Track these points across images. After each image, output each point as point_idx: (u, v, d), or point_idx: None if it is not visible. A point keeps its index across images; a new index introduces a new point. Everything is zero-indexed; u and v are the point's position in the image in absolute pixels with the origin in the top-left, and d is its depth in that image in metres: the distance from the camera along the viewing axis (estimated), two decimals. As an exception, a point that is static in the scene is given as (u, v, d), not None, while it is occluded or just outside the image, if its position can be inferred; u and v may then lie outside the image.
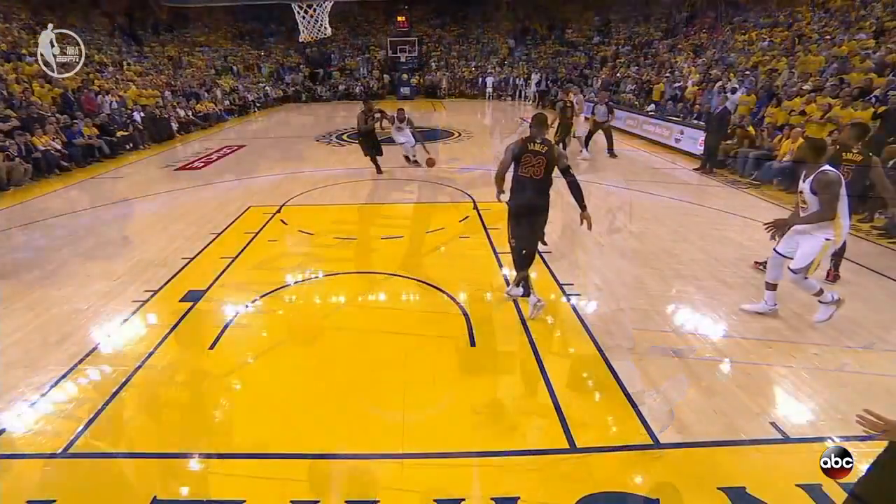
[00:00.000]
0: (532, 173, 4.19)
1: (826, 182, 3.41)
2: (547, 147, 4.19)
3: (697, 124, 11.52)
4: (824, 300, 3.86)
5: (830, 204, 3.43)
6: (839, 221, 3.56)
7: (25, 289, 4.90)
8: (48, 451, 2.83)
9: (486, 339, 3.93)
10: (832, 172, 3.43)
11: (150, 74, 20.62)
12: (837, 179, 3.41)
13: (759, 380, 3.37)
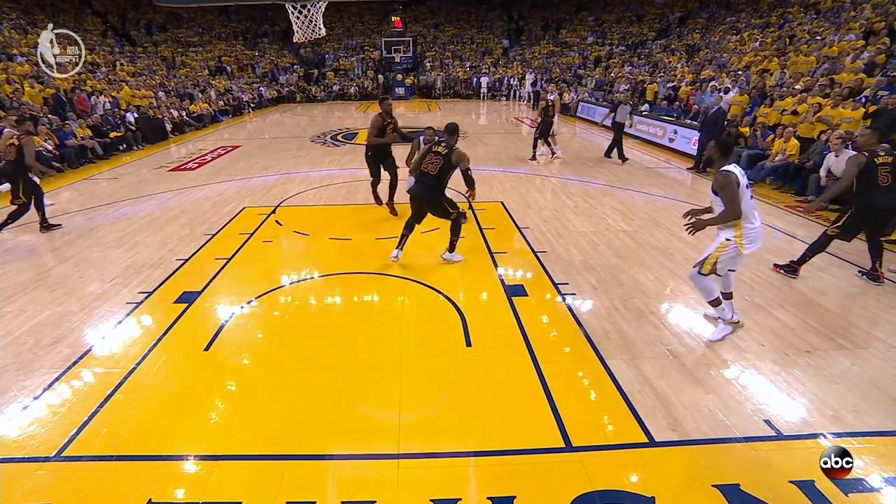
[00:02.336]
0: (430, 169, 4.99)
1: (723, 183, 3.39)
2: (447, 151, 4.97)
3: (691, 124, 11.60)
4: (722, 315, 3.75)
5: (733, 202, 3.38)
6: (742, 223, 3.47)
7: (17, 291, 4.86)
8: (42, 455, 2.80)
9: (481, 338, 3.94)
10: (731, 174, 3.37)
11: (143, 75, 20.51)
12: (734, 180, 3.36)
13: (752, 378, 3.40)
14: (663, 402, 3.16)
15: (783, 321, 4.13)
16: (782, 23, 16.47)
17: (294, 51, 30.92)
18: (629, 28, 27.34)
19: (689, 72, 16.13)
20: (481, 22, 34.31)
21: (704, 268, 3.62)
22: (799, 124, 8.73)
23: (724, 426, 2.93)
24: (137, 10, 29.71)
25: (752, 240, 3.49)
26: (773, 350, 3.71)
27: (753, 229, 3.49)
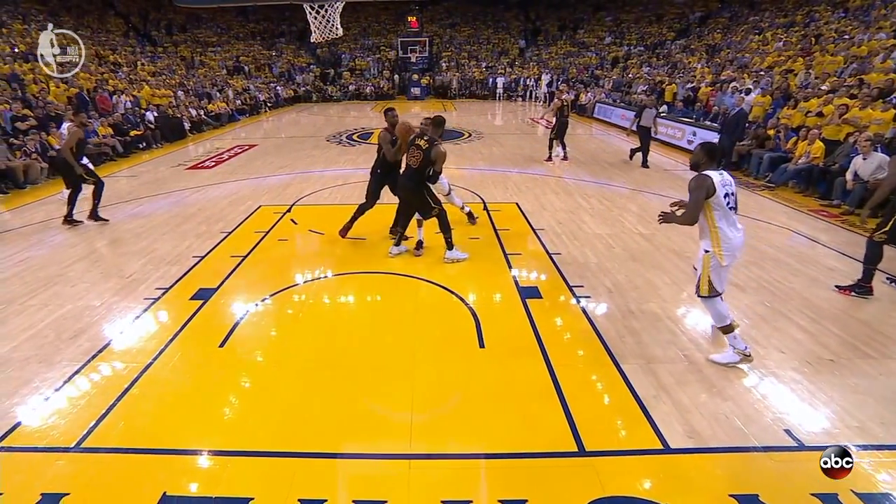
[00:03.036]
0: (411, 163, 5.04)
1: (693, 185, 3.28)
2: (427, 146, 4.95)
3: (711, 125, 11.40)
4: (735, 345, 3.49)
5: (692, 205, 3.28)
6: (718, 234, 3.33)
7: (40, 285, 4.97)
8: (62, 445, 2.87)
9: (495, 340, 3.91)
10: (707, 178, 3.26)
11: (163, 74, 20.86)
12: (704, 185, 3.24)
13: (772, 386, 3.32)
14: (679, 408, 3.10)
15: (805, 328, 4.03)
16: (808, 22, 16.11)
17: (311, 51, 31.17)
18: (648, 28, 27.02)
19: (710, 72, 15.87)
20: (497, 22, 34.19)
21: (702, 290, 3.47)
22: (824, 126, 8.52)
23: (743, 435, 2.86)
24: (158, 11, 30.26)
25: (731, 250, 3.35)
26: (793, 358, 3.62)
27: (731, 241, 3.33)
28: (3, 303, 4.62)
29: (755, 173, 9.25)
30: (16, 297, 4.74)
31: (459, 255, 5.36)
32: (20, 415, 3.13)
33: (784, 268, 5.14)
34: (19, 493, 2.56)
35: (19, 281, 5.09)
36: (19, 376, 3.52)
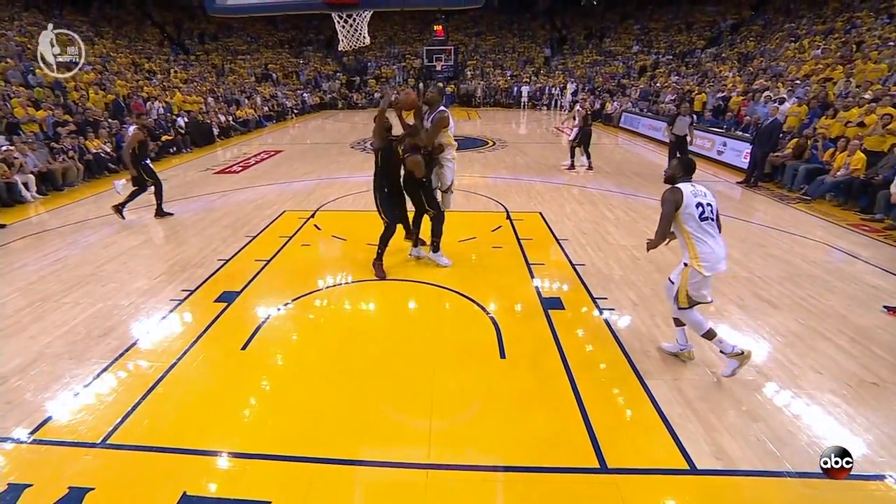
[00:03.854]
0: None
1: (663, 198, 3.33)
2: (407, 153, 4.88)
3: (742, 136, 11.11)
4: (725, 349, 3.38)
5: (663, 219, 3.32)
6: (695, 246, 3.28)
7: (74, 284, 5.13)
8: (89, 441, 2.94)
9: (516, 351, 3.85)
10: (678, 191, 3.27)
11: (194, 81, 21.52)
12: (672, 199, 3.26)
13: (807, 407, 3.17)
14: (706, 427, 2.99)
15: (844, 348, 3.84)
16: (848, 28, 15.60)
17: (337, 59, 31.74)
18: (677, 36, 26.66)
19: (741, 81, 15.51)
20: (523, 31, 34.23)
21: (681, 301, 3.43)
22: (866, 137, 8.20)
23: (775, 458, 2.74)
24: (192, 21, 31.31)
25: (711, 262, 3.26)
26: (831, 379, 3.45)
27: (709, 252, 3.26)
28: (40, 299, 4.79)
29: (789, 185, 8.95)
30: (52, 294, 4.90)
31: (443, 259, 5.38)
32: (51, 409, 3.22)
33: (821, 284, 4.94)
34: (48, 485, 2.62)
35: (55, 279, 5.27)
36: (52, 371, 3.63)
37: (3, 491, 2.58)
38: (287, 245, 6.24)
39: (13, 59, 13.94)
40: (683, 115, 9.74)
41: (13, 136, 9.52)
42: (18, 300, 4.79)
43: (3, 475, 2.70)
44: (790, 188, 8.89)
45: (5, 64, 13.43)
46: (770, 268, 5.38)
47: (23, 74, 13.18)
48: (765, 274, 5.21)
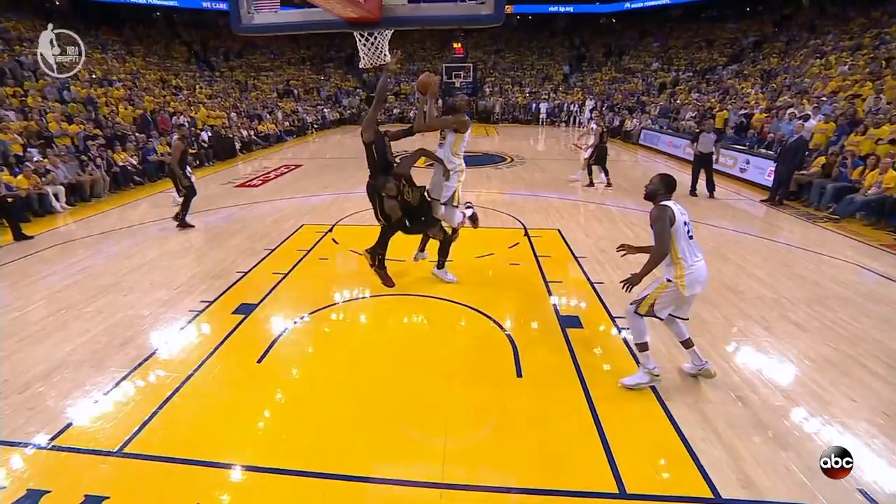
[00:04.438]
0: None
1: (655, 216, 3.26)
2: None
3: (766, 153, 10.91)
4: (647, 364, 3.44)
5: (661, 237, 3.22)
6: (681, 264, 3.27)
7: (97, 293, 5.24)
8: (106, 449, 2.96)
9: (533, 369, 3.78)
10: (667, 208, 3.23)
11: (219, 97, 22.15)
12: (665, 215, 3.22)
13: (841, 437, 3.02)
14: (731, 454, 2.87)
15: (881, 375, 3.67)
16: (877, 44, 15.31)
17: (357, 75, 32.34)
18: (697, 53, 26.54)
19: (764, 98, 15.30)
20: (542, 48, 34.51)
21: (642, 307, 3.41)
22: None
23: (807, 490, 2.61)
24: (218, 39, 32.36)
25: (692, 281, 3.28)
26: (867, 408, 3.29)
27: (693, 270, 3.27)
28: (64, 307, 4.90)
29: (816, 204, 8.71)
30: (75, 302, 5.00)
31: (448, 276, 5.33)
32: (71, 415, 3.27)
33: (852, 307, 4.77)
34: (66, 492, 2.65)
35: (79, 288, 5.38)
36: (73, 378, 3.69)
37: (22, 496, 2.61)
38: (305, 259, 6.29)
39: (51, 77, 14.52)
40: (707, 132, 9.57)
41: (47, 148, 9.88)
42: (44, 308, 4.91)
43: (23, 480, 2.74)
44: (817, 207, 8.66)
45: (44, 81, 14.01)
46: (797, 289, 5.22)
47: (59, 91, 13.73)
48: (791, 295, 5.05)
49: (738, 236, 7.15)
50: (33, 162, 9.01)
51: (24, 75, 13.91)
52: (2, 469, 2.83)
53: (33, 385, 3.61)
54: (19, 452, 2.95)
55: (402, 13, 3.98)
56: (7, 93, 12.19)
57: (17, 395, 3.49)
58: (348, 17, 3.85)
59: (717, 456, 2.86)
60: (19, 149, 9.68)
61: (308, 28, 4.17)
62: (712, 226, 7.65)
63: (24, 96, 12.57)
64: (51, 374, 3.76)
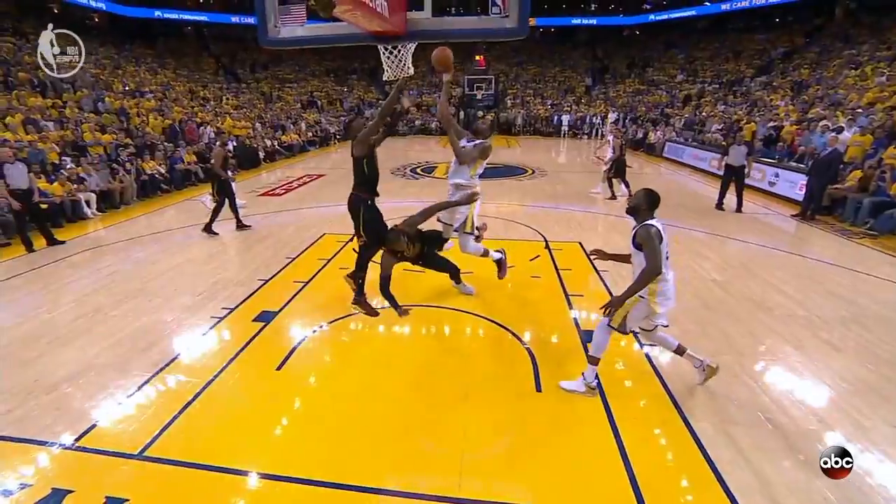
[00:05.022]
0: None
1: (644, 236, 3.22)
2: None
3: (796, 167, 10.62)
4: (588, 377, 3.56)
5: (654, 256, 3.17)
6: (657, 284, 3.25)
7: (123, 297, 5.36)
8: (127, 451, 3.00)
9: (553, 384, 3.71)
10: (653, 227, 3.23)
11: (244, 108, 22.72)
12: (656, 233, 3.20)
13: (881, 465, 2.87)
14: (761, 478, 2.75)
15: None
16: (918, 54, 14.85)
17: (380, 87, 32.80)
18: (724, 65, 26.13)
19: (795, 110, 14.94)
20: (564, 60, 34.50)
21: (615, 320, 3.41)
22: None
23: (845, 522, 2.47)
24: (245, 52, 33.34)
25: (666, 297, 3.31)
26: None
27: (667, 286, 3.30)
28: (92, 311, 5.02)
29: (852, 219, 8.38)
30: (102, 306, 5.13)
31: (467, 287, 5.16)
32: (95, 417, 3.34)
33: (892, 327, 4.56)
34: (88, 493, 2.69)
35: (107, 292, 5.52)
36: (98, 381, 3.76)
37: (47, 495, 2.67)
38: (325, 268, 6.33)
39: (88, 89, 15.13)
40: (738, 144, 9.33)
41: (81, 157, 10.24)
42: (73, 311, 5.04)
43: (48, 479, 2.80)
44: (853, 222, 8.34)
45: (81, 93, 14.59)
46: (831, 307, 5.02)
47: (94, 102, 14.27)
48: (824, 314, 4.86)
49: (767, 251, 6.94)
50: (67, 170, 9.34)
51: (63, 88, 14.50)
52: (30, 467, 2.90)
53: (61, 386, 3.70)
54: (46, 451, 3.02)
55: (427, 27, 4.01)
56: (47, 104, 12.71)
57: (46, 396, 3.58)
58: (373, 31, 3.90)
59: (745, 480, 2.74)
60: (56, 157, 10.05)
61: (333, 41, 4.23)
62: (739, 240, 7.45)
63: (63, 107, 13.09)
64: (77, 375, 3.84)
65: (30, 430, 3.21)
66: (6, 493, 2.69)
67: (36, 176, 7.59)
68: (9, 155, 6.91)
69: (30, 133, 10.59)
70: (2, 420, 3.31)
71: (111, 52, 23.31)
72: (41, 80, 13.82)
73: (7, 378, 3.82)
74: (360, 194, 4.57)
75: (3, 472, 2.85)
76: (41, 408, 3.44)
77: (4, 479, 2.80)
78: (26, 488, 2.72)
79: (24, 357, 4.14)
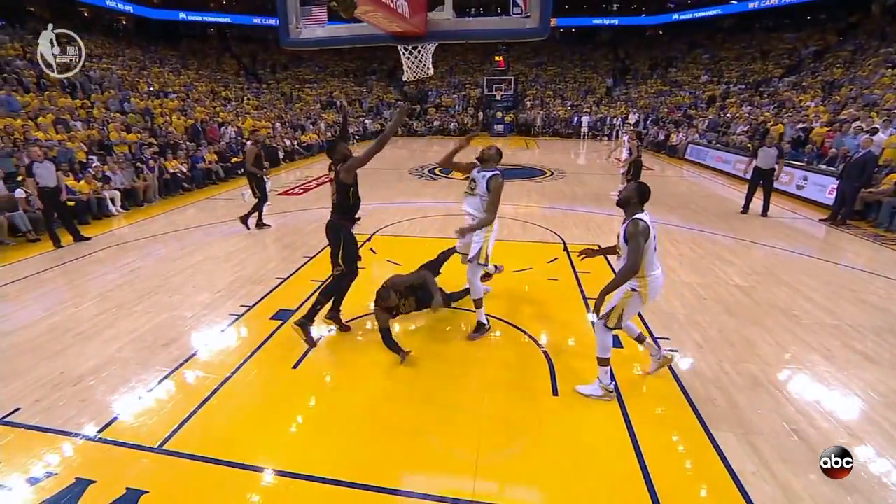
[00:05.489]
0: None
1: (633, 232, 3.23)
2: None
3: (827, 169, 10.28)
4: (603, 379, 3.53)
5: (637, 253, 3.21)
6: (646, 275, 3.32)
7: (145, 293, 5.47)
8: (147, 444, 3.07)
9: (569, 388, 3.66)
10: (642, 222, 3.23)
11: (265, 108, 23.03)
12: (644, 230, 3.21)
13: (912, 480, 2.75)
14: (788, 493, 2.66)
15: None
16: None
17: (399, 87, 32.93)
18: (751, 65, 25.48)
19: (826, 111, 14.48)
20: (585, 61, 34.15)
21: (611, 320, 3.42)
22: None
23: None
24: (266, 53, 33.84)
25: (655, 288, 3.39)
26: (946, 450, 2.99)
27: (657, 281, 3.38)
28: (115, 306, 5.13)
29: (887, 224, 8.07)
30: (125, 302, 5.24)
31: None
32: (117, 410, 3.41)
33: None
34: (109, 483, 2.76)
35: (130, 288, 5.64)
36: (121, 375, 3.85)
37: (71, 484, 2.75)
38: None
39: (114, 90, 15.53)
40: (768, 147, 9.06)
41: (107, 156, 10.50)
42: (97, 306, 5.16)
43: (72, 468, 2.87)
44: (888, 227, 8.03)
45: (108, 93, 14.98)
46: (863, 316, 4.84)
47: (120, 102, 14.63)
48: (856, 322, 4.69)
49: (794, 257, 6.74)
50: (94, 168, 9.58)
51: (91, 89, 14.90)
52: (55, 455, 2.98)
53: (85, 378, 3.79)
54: (70, 442, 3.10)
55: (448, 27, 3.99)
56: (76, 105, 13.07)
57: (71, 388, 3.67)
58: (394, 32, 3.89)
59: (769, 492, 2.66)
60: (83, 156, 10.33)
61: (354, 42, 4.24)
62: (765, 245, 7.26)
63: (91, 108, 13.45)
64: (101, 369, 3.93)
65: (56, 420, 3.30)
66: (34, 480, 2.79)
67: (64, 174, 7.79)
68: (38, 154, 7.12)
69: (59, 132, 10.90)
70: (31, 410, 3.42)
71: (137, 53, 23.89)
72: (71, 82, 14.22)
73: (36, 369, 3.94)
74: (341, 221, 4.32)
75: (31, 460, 2.94)
76: (66, 399, 3.53)
77: (32, 466, 2.89)
78: (51, 477, 2.81)
79: (51, 349, 4.25)
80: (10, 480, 2.79)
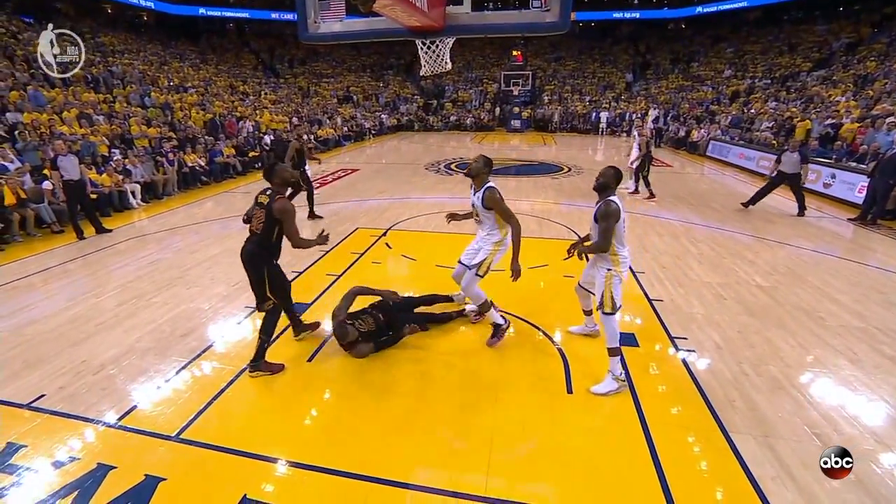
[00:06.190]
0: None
1: (605, 213, 3.43)
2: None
3: (857, 167, 9.96)
4: (614, 370, 3.55)
5: (605, 234, 3.44)
6: (618, 255, 3.53)
7: (164, 285, 5.56)
8: (165, 433, 3.13)
9: (584, 386, 3.61)
10: (613, 204, 3.42)
11: (282, 103, 23.22)
12: (616, 211, 3.40)
13: (940, 490, 2.65)
14: (809, 498, 2.59)
15: None
16: None
17: (416, 82, 32.90)
18: (777, 59, 24.78)
19: (857, 106, 14.00)
20: (604, 56, 33.65)
21: (606, 306, 3.55)
22: None
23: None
24: (284, 48, 34.07)
25: (625, 267, 3.57)
26: (973, 458, 2.88)
27: (626, 260, 3.58)
28: (135, 297, 5.23)
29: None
30: (145, 293, 5.34)
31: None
32: (137, 398, 3.48)
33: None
34: (129, 469, 2.82)
35: (149, 279, 5.74)
36: (139, 364, 3.93)
37: (93, 469, 2.83)
38: (358, 261, 6.39)
39: (136, 84, 15.80)
40: (791, 151, 8.83)
41: (128, 150, 10.70)
42: (118, 296, 5.27)
43: (94, 454, 2.95)
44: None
45: (130, 88, 15.25)
46: (893, 319, 4.69)
47: (141, 97, 14.88)
48: (885, 325, 4.54)
49: (820, 257, 6.55)
50: (115, 161, 9.77)
51: (113, 83, 15.18)
52: (78, 441, 3.06)
53: (106, 367, 3.88)
54: (92, 428, 3.18)
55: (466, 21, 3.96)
56: (99, 99, 13.34)
57: (93, 376, 3.76)
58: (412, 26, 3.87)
59: (790, 499, 2.59)
60: (105, 150, 10.54)
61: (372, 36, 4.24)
62: (789, 245, 7.07)
63: (113, 102, 13.71)
64: (121, 358, 4.02)
65: (79, 407, 3.38)
66: (58, 463, 2.88)
67: (87, 167, 7.96)
68: (62, 148, 7.27)
69: (83, 127, 11.14)
70: (56, 396, 3.51)
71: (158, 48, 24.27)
72: (94, 77, 14.49)
73: (60, 357, 4.04)
74: (262, 255, 3.79)
75: (56, 444, 3.03)
76: (88, 387, 3.62)
77: (57, 451, 2.97)
78: (75, 461, 2.89)
79: (74, 338, 4.36)
80: (37, 463, 2.89)
